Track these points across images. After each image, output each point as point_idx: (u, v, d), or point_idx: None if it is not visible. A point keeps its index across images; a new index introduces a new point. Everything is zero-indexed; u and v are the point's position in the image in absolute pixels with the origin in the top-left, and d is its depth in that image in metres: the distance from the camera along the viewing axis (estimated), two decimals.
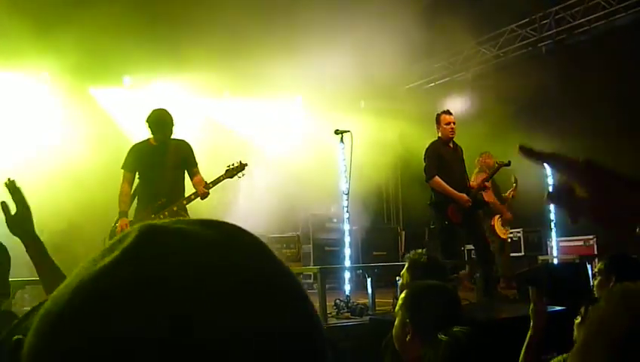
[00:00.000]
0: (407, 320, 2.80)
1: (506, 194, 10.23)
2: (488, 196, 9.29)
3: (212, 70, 10.87)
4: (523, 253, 11.73)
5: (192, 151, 6.92)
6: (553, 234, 10.72)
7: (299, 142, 12.16)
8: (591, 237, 10.58)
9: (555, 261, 10.60)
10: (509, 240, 12.18)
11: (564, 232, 10.89)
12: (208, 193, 6.64)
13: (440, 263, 4.44)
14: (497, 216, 9.56)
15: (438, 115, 8.50)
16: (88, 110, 10.99)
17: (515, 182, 10.03)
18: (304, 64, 10.51)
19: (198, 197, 6.65)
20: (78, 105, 10.82)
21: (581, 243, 10.40)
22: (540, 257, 10.93)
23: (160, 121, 6.71)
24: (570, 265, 9.11)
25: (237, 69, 11.04)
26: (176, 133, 6.99)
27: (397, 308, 2.92)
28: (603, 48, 11.94)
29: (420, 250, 4.31)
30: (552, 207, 10.51)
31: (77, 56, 9.75)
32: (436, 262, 4.34)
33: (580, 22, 12.43)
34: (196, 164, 6.88)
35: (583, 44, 12.58)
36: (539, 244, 11.94)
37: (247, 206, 11.64)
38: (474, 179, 9.11)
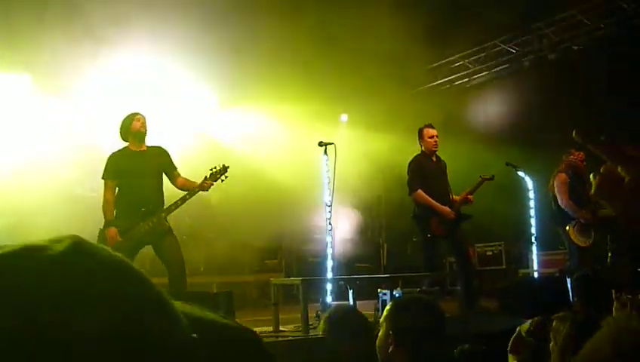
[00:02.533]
0: (391, 332, 2.83)
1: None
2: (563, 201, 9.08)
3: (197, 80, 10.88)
4: (504, 266, 11.81)
5: (170, 155, 7.02)
6: (534, 247, 10.78)
7: (283, 153, 12.17)
8: None
9: (536, 274, 10.66)
10: (491, 252, 12.28)
11: (544, 246, 10.97)
12: (212, 184, 6.81)
13: None
14: (573, 223, 9.11)
15: (421, 129, 8.55)
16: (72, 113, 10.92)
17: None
18: (290, 74, 10.54)
19: (202, 190, 6.76)
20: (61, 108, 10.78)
21: (561, 256, 10.47)
22: (521, 270, 11.00)
23: (132, 120, 6.84)
24: (551, 279, 9.18)
25: (222, 79, 11.03)
26: (159, 142, 7.05)
27: (381, 319, 2.95)
28: (585, 64, 12.09)
29: None
30: (532, 220, 10.60)
31: (63, 59, 9.72)
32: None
33: (562, 38, 12.58)
34: (176, 167, 6.99)
35: (565, 60, 12.72)
36: (520, 258, 12.02)
37: (231, 217, 11.63)
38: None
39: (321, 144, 8.02)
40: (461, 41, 13.00)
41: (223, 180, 6.98)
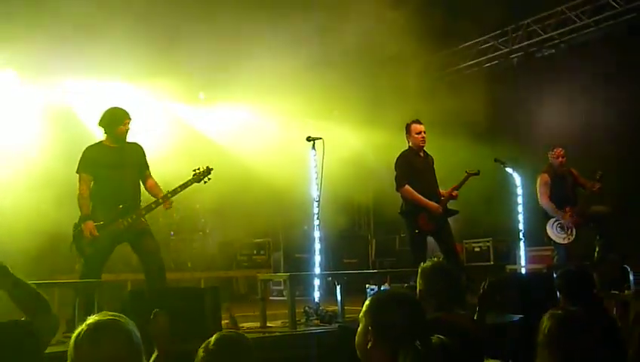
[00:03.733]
0: (370, 328, 2.80)
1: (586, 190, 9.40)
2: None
3: (183, 74, 10.81)
4: (492, 263, 11.82)
5: (145, 154, 6.98)
6: (522, 244, 10.80)
7: (271, 148, 12.13)
8: None
9: (523, 270, 10.67)
10: (479, 248, 12.29)
11: (532, 242, 10.98)
12: (171, 205, 6.79)
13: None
14: (552, 220, 9.25)
15: (408, 125, 8.54)
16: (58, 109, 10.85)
17: (599, 178, 9.16)
18: (276, 70, 10.50)
19: (161, 205, 6.74)
20: (48, 103, 10.71)
21: (549, 253, 10.49)
22: (509, 266, 11.00)
23: (115, 116, 6.75)
24: (538, 275, 9.19)
25: (209, 73, 10.98)
26: (147, 138, 7.01)
27: (360, 314, 2.91)
28: (573, 61, 12.11)
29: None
30: (520, 216, 10.62)
31: (47, 54, 9.65)
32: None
33: (551, 35, 12.58)
34: (148, 167, 6.95)
35: (553, 58, 12.74)
36: (507, 254, 12.04)
37: (218, 212, 11.60)
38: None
39: (309, 139, 7.99)
40: (451, 37, 13.00)
41: (206, 182, 6.97)
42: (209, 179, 6.97)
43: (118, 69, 10.37)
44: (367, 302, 2.90)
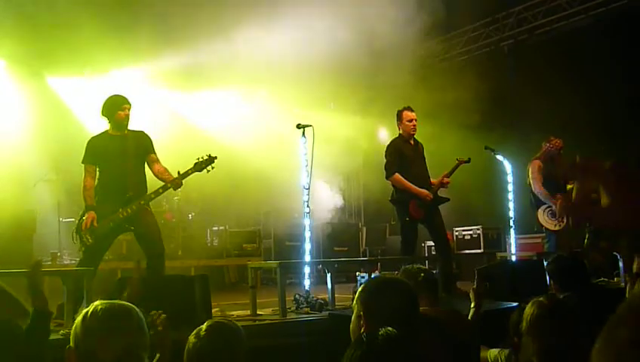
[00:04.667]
0: (362, 313, 2.78)
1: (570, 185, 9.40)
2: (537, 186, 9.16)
3: (173, 61, 10.75)
4: (482, 250, 11.85)
5: (151, 140, 6.91)
6: (512, 231, 10.82)
7: (261, 136, 12.10)
8: None
9: (513, 258, 10.70)
10: (469, 236, 12.31)
11: (522, 230, 11.01)
12: (182, 183, 6.66)
13: None
14: (544, 207, 9.24)
15: (400, 112, 8.51)
16: (45, 99, 10.78)
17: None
18: (268, 56, 10.46)
19: (172, 188, 6.66)
20: (34, 94, 10.63)
21: (539, 240, 10.52)
22: (499, 254, 11.03)
23: (114, 103, 6.70)
24: (528, 263, 9.21)
25: (198, 61, 10.92)
26: (138, 125, 6.95)
27: (354, 301, 2.90)
28: (563, 48, 12.11)
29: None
30: (510, 204, 10.63)
31: (35, 45, 9.58)
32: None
33: (541, 22, 12.58)
34: (154, 152, 6.86)
35: (543, 45, 12.74)
36: (498, 241, 12.07)
37: (209, 200, 11.57)
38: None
39: (299, 126, 7.95)
40: (441, 25, 12.96)
41: (209, 170, 6.85)
42: (212, 168, 6.83)
43: (103, 55, 10.30)
44: (359, 289, 2.89)
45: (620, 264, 8.21)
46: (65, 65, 10.74)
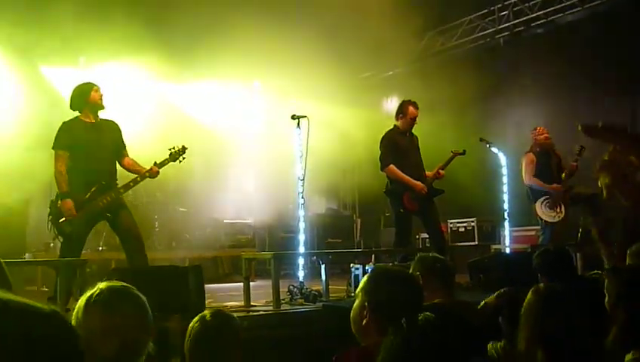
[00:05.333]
0: (366, 304, 2.77)
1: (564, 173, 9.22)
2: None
3: (168, 52, 10.70)
4: (476, 243, 11.86)
5: (122, 132, 6.88)
6: (506, 223, 10.82)
7: (256, 127, 12.07)
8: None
9: (508, 250, 10.71)
10: (463, 228, 12.32)
11: (516, 222, 11.01)
12: (159, 172, 6.73)
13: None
14: (542, 199, 9.15)
15: (405, 106, 8.43)
16: (39, 89, 10.71)
17: (580, 152, 8.98)
18: (262, 48, 10.42)
19: (148, 177, 6.71)
20: (28, 83, 10.56)
21: (533, 233, 10.53)
22: (493, 246, 11.04)
23: (84, 91, 6.65)
24: (522, 255, 9.22)
25: (194, 52, 10.88)
26: (133, 117, 6.96)
27: (357, 290, 2.89)
28: (559, 41, 12.10)
29: None
30: (505, 196, 10.63)
31: (29, 33, 9.52)
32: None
33: (537, 14, 12.55)
34: (125, 146, 6.87)
35: (539, 37, 12.72)
36: (492, 234, 12.08)
37: (204, 191, 11.54)
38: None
39: (294, 117, 7.92)
40: (437, 16, 12.96)
41: (181, 161, 6.91)
42: (184, 158, 6.90)
43: (97, 46, 10.24)
44: (364, 279, 2.89)
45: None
46: (59, 54, 10.67)
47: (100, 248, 10.32)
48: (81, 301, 2.31)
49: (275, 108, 11.69)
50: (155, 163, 6.70)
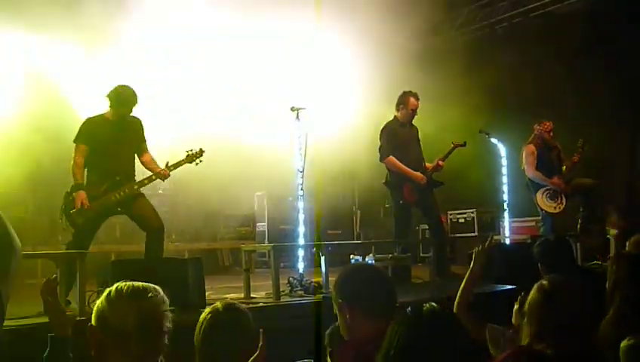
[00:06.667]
0: (340, 301, 2.88)
1: (565, 165, 9.26)
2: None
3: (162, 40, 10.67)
4: (476, 233, 11.87)
5: (143, 127, 7.02)
6: (506, 214, 10.82)
7: (255, 118, 12.03)
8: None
9: (507, 241, 10.72)
10: (463, 219, 12.32)
11: (516, 213, 11.01)
12: (169, 175, 6.86)
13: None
14: (543, 190, 9.13)
15: (406, 97, 8.42)
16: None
17: (582, 146, 9.08)
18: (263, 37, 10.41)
19: (159, 178, 6.85)
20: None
21: (533, 223, 10.54)
22: (493, 237, 11.04)
23: (124, 97, 6.75)
24: (521, 245, 9.22)
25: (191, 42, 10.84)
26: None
27: (331, 290, 3.00)
28: (558, 31, 12.06)
29: None
30: (505, 187, 10.63)
31: None
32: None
33: (535, 5, 12.52)
34: (145, 141, 7.01)
35: (538, 27, 12.68)
36: (492, 224, 12.08)
37: (203, 183, 11.52)
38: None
39: (293, 109, 7.90)
40: (437, 6, 12.90)
41: (197, 163, 7.05)
42: (201, 161, 7.04)
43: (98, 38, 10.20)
44: (335, 280, 2.98)
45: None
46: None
47: (100, 241, 10.32)
48: (102, 297, 2.46)
49: (274, 98, 11.64)
50: (167, 164, 6.83)
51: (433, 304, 2.13)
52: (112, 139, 6.67)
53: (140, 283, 2.47)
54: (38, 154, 9.47)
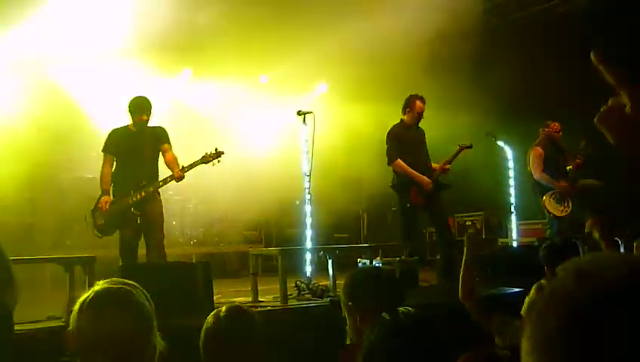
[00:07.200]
0: (350, 304, 2.90)
1: (569, 167, 9.24)
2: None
3: (171, 47, 10.70)
4: (483, 236, 11.86)
5: (166, 132, 7.50)
6: (513, 217, 10.82)
7: (262, 122, 12.06)
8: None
9: (515, 244, 10.71)
10: (470, 222, 12.31)
11: (523, 215, 11.01)
12: (184, 176, 7.18)
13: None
14: (550, 193, 9.07)
15: (413, 100, 8.43)
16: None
17: (584, 148, 9.01)
18: (271, 42, 10.41)
19: (174, 180, 7.19)
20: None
21: (540, 226, 10.53)
22: (500, 240, 11.04)
23: (136, 105, 7.25)
24: (528, 248, 9.22)
25: (198, 47, 10.86)
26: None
27: (341, 294, 3.01)
28: (565, 31, 12.05)
29: None
30: (512, 190, 10.63)
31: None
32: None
33: (543, 6, 12.52)
34: (168, 142, 7.42)
35: (545, 27, 12.67)
36: (499, 227, 12.07)
37: (210, 187, 11.55)
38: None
39: (299, 113, 7.93)
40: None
41: (214, 164, 7.35)
42: (219, 161, 7.34)
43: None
44: (344, 282, 3.00)
45: (622, 249, 8.20)
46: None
47: (109, 245, 10.35)
48: (76, 305, 2.14)
49: (281, 103, 11.67)
50: (183, 167, 7.15)
51: (408, 308, 2.16)
52: (132, 148, 7.21)
53: (116, 293, 2.17)
54: (46, 158, 9.53)
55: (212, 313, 3.03)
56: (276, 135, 11.41)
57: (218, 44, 10.23)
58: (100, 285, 2.18)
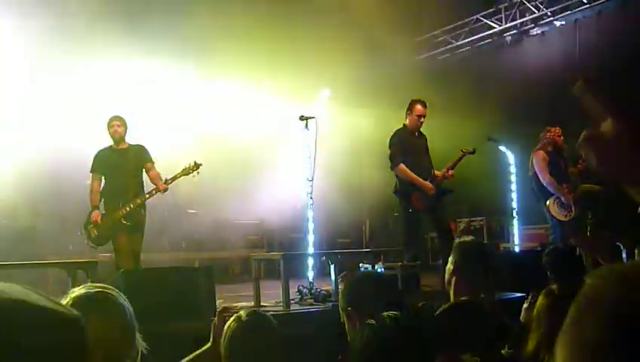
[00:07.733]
0: (349, 309, 2.92)
1: (571, 172, 9.24)
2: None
3: (175, 52, 10.73)
4: (485, 241, 11.84)
5: (147, 151, 7.98)
6: (515, 222, 10.82)
7: (264, 127, 12.08)
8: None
9: (517, 249, 10.70)
10: (472, 227, 12.30)
11: (526, 220, 11.00)
12: (167, 188, 7.76)
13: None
14: (554, 198, 9.02)
15: (413, 104, 8.44)
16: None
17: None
18: (272, 49, 10.44)
19: (159, 192, 7.74)
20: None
21: (542, 231, 10.52)
22: (503, 245, 11.03)
23: (107, 124, 7.80)
24: (531, 253, 9.21)
25: (202, 51, 10.89)
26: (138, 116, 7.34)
27: (339, 298, 3.03)
28: (566, 39, 12.08)
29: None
30: (514, 195, 10.62)
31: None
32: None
33: (543, 13, 12.55)
34: (151, 161, 7.95)
35: (546, 35, 12.71)
36: (501, 232, 12.06)
37: (213, 192, 11.57)
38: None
39: (302, 118, 7.94)
40: (444, 15, 12.94)
41: (194, 176, 7.90)
42: (198, 173, 7.88)
43: (109, 47, 10.26)
44: (340, 294, 3.02)
45: (623, 254, 8.19)
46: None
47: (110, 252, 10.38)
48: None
49: (284, 107, 11.69)
50: (166, 179, 7.73)
51: (394, 313, 2.17)
52: (119, 166, 7.73)
53: (92, 297, 2.17)
54: (49, 163, 9.56)
55: (232, 317, 3.05)
56: (279, 140, 11.42)
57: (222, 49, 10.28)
58: (77, 291, 2.18)
